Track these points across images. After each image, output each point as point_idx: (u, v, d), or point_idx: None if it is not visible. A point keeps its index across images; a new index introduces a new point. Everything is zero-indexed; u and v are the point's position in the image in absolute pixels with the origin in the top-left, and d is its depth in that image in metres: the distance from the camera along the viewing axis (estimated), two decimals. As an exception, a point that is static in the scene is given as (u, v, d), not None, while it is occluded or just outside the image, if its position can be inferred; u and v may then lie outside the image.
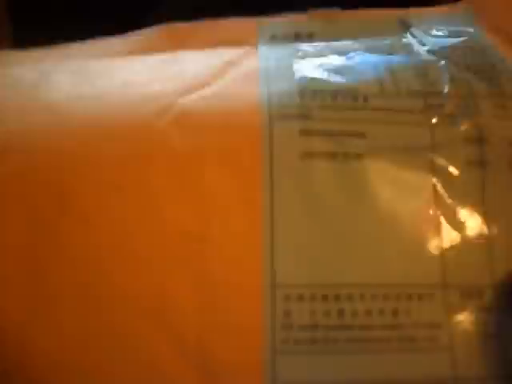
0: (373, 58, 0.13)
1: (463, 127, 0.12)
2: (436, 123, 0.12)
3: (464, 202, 0.12)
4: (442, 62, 0.13)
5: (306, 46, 0.14)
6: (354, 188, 0.11)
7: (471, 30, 0.14)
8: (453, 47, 0.14)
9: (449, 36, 0.14)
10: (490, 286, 0.11)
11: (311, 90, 0.13)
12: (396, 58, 0.13)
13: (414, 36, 0.14)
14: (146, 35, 0.19)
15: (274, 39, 0.15)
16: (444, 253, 0.11)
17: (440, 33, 0.14)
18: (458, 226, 0.11)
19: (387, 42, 0.14)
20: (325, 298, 0.11)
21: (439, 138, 0.12)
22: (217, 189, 0.11)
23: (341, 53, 0.14)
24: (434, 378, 0.11)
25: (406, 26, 0.15)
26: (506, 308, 0.11)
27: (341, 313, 0.11)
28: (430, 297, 0.11)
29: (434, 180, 0.12)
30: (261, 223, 0.11)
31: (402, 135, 0.12)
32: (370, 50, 0.14)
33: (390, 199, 0.11)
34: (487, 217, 0.11)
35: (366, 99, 0.12)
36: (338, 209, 0.11)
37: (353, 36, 0.14)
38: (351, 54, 0.13)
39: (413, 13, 0.15)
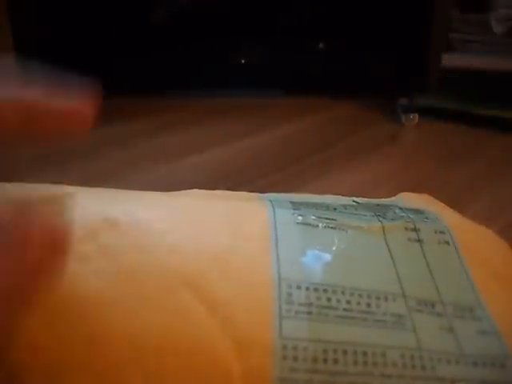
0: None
1: (403, 223, 0.20)
2: (384, 223, 0.20)
3: (411, 257, 0.18)
4: (397, 209, 0.22)
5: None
6: (333, 240, 0.19)
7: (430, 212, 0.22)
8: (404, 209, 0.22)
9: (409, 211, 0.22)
10: (439, 301, 0.17)
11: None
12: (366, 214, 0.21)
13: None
14: None
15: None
16: (401, 280, 0.18)
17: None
18: (409, 265, 0.18)
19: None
20: (316, 289, 0.16)
21: (387, 228, 0.19)
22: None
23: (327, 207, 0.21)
24: (402, 347, 0.16)
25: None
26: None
27: (329, 299, 0.16)
28: (394, 299, 0.17)
29: (388, 246, 0.19)
30: (270, 251, 0.17)
31: (362, 223, 0.19)
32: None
33: (354, 251, 0.18)
34: (429, 265, 0.18)
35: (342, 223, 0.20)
36: (328, 245, 0.18)
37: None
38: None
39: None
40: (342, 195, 0.26)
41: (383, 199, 0.24)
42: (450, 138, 0.91)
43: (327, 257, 0.18)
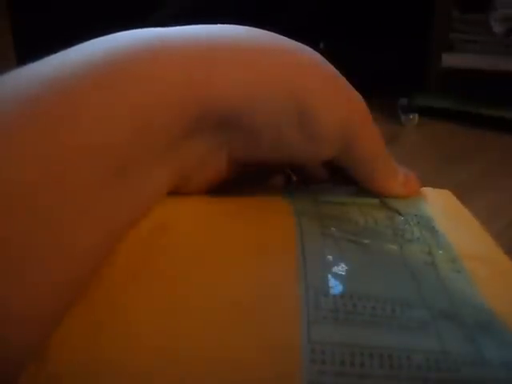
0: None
1: (419, 246, 0.20)
2: (402, 243, 0.20)
3: (428, 277, 0.19)
4: (414, 226, 0.22)
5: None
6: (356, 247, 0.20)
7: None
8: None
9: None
10: (460, 314, 0.17)
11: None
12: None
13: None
14: None
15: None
16: (422, 292, 0.18)
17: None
18: (426, 283, 0.19)
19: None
20: (342, 296, 0.17)
21: (405, 248, 0.20)
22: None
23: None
24: (427, 350, 0.16)
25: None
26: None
27: (354, 305, 0.17)
28: (417, 307, 0.17)
29: (406, 264, 0.19)
30: (296, 261, 0.18)
31: (382, 241, 0.20)
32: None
33: (376, 264, 0.19)
34: (444, 287, 0.19)
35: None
36: (351, 257, 0.19)
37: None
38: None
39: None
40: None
41: (403, 200, 0.24)
42: (450, 138, 0.91)
43: (351, 268, 0.18)
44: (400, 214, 0.22)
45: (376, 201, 0.22)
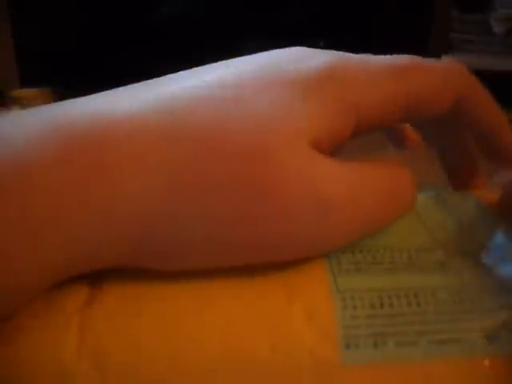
0: None
1: (424, 193, 0.21)
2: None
3: (436, 215, 0.20)
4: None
5: None
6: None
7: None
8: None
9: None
10: (475, 247, 0.19)
11: None
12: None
13: None
14: None
15: None
16: (434, 236, 0.19)
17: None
18: (437, 223, 0.20)
19: None
20: (361, 251, 0.18)
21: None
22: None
23: None
24: (449, 285, 0.17)
25: None
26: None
27: (374, 257, 0.18)
28: (432, 250, 0.18)
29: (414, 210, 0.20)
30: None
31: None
32: None
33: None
34: (454, 218, 0.20)
35: None
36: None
37: None
38: None
39: None
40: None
41: None
42: (450, 137, 0.91)
43: None
44: None
45: None
